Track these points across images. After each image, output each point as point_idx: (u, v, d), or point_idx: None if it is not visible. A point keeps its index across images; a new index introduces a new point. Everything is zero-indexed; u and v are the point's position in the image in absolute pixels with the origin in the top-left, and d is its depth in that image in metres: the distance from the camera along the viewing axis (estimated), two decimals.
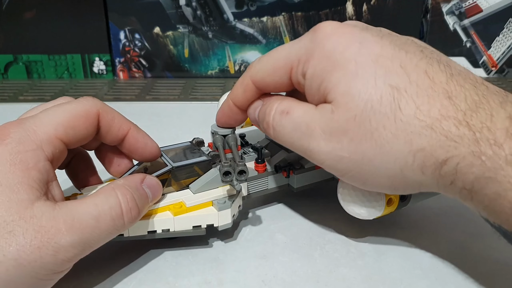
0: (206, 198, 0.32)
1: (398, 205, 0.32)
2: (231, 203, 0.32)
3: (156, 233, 0.31)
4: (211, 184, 0.33)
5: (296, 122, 0.28)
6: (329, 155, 0.27)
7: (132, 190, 0.29)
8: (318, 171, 0.37)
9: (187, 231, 0.32)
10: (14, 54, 0.71)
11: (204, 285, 0.30)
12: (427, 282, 0.30)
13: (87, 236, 0.26)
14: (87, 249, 0.27)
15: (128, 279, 0.30)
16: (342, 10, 0.68)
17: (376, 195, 0.30)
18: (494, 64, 0.71)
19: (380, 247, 0.33)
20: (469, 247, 0.33)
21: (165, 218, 0.31)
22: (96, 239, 0.27)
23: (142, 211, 0.30)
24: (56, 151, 0.28)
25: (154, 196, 0.31)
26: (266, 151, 0.37)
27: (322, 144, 0.27)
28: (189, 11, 0.69)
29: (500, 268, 0.31)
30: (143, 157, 0.33)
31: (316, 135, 0.27)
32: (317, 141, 0.27)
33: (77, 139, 0.29)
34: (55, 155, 0.28)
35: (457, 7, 0.68)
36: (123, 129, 0.32)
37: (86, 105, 0.30)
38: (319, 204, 0.38)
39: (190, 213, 0.32)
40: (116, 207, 0.28)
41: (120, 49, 0.71)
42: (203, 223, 0.32)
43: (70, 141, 0.29)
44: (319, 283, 0.30)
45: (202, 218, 0.32)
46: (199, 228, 0.32)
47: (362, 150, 0.26)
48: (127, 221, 0.28)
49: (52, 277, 0.26)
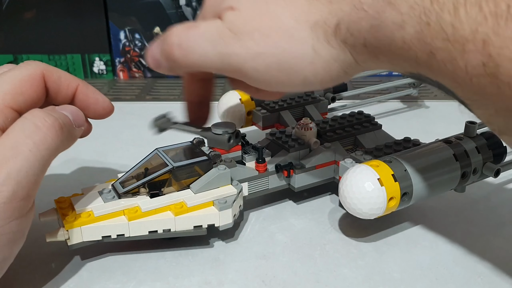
0: (207, 198, 0.32)
1: (399, 204, 0.32)
2: (232, 203, 0.32)
3: (157, 233, 0.31)
4: (212, 184, 0.33)
5: (207, 31, 0.26)
6: (248, 56, 0.26)
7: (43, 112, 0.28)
8: (319, 170, 0.37)
9: (188, 231, 0.32)
10: (14, 54, 0.71)
11: (204, 285, 0.30)
12: (427, 282, 0.30)
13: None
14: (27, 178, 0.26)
15: (128, 279, 0.30)
16: None
17: (377, 194, 0.31)
18: None
19: (380, 247, 0.33)
20: (469, 247, 0.33)
21: (166, 218, 0.31)
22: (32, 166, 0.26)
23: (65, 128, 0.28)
24: (8, 120, 0.27)
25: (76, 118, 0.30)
26: (266, 151, 0.37)
27: (237, 46, 0.26)
28: (189, 11, 0.69)
29: (500, 268, 0.31)
30: (97, 113, 0.32)
31: (229, 39, 0.26)
32: (231, 44, 0.26)
33: (27, 104, 0.29)
34: (6, 124, 0.27)
35: None
36: (72, 86, 0.31)
37: (29, 69, 0.29)
38: (319, 204, 0.38)
39: (191, 213, 0.32)
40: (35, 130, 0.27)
41: (120, 49, 0.71)
42: (204, 223, 0.32)
43: (21, 107, 0.28)
44: (319, 283, 0.30)
45: (203, 218, 0.32)
46: (200, 228, 0.32)
47: (274, 41, 0.25)
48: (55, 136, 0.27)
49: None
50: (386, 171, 0.31)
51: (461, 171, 0.34)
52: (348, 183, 0.31)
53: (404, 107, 0.59)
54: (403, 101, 0.60)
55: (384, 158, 0.33)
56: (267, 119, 0.44)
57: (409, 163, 0.32)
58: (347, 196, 0.31)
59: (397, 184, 0.31)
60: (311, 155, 0.37)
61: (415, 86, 0.56)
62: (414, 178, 0.32)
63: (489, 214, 0.37)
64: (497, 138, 0.36)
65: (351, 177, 0.31)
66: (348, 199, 0.31)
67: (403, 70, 0.24)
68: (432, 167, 0.33)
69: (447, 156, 0.34)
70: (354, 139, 0.40)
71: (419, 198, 0.33)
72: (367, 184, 0.31)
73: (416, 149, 0.35)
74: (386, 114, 0.58)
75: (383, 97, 0.57)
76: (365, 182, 0.31)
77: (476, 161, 0.35)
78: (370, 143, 0.39)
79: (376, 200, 0.31)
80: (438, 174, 0.33)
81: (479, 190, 0.40)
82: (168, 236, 0.32)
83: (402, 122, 0.55)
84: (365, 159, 0.35)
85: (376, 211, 0.31)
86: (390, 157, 0.33)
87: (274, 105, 0.44)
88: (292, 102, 0.45)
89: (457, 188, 0.35)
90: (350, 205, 0.32)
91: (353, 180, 0.31)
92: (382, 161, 0.32)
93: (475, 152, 0.35)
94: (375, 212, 0.31)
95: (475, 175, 0.35)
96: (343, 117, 0.41)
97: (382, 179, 0.31)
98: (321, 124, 0.39)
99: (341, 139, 0.39)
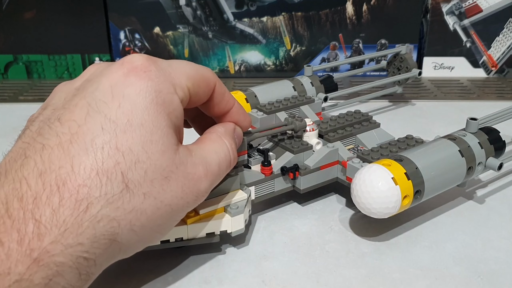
0: (219, 204, 0.32)
1: (412, 201, 0.32)
2: (243, 208, 0.32)
3: (169, 243, 0.30)
4: (222, 190, 0.32)
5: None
6: None
7: (232, 138, 0.30)
8: (323, 171, 0.37)
9: (201, 238, 0.31)
10: (14, 54, 0.71)
11: (204, 285, 0.30)
12: (427, 282, 0.30)
13: (215, 181, 0.28)
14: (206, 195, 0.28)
15: (128, 279, 0.30)
16: (342, 10, 0.68)
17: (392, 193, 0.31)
18: (494, 64, 0.71)
19: (380, 247, 0.33)
20: (469, 247, 0.33)
21: (178, 226, 0.30)
22: (214, 185, 0.28)
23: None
24: (184, 100, 0.27)
25: (238, 146, 0.32)
26: (271, 153, 0.37)
27: None
28: (189, 11, 0.69)
29: (500, 268, 0.31)
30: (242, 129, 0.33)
31: None
32: None
33: (197, 97, 0.29)
34: (183, 103, 0.27)
35: (457, 7, 0.68)
36: (229, 104, 0.31)
37: (208, 71, 0.29)
38: (319, 204, 0.38)
39: (204, 220, 0.31)
40: (228, 155, 0.29)
41: (120, 49, 0.71)
42: (217, 230, 0.31)
43: (192, 96, 0.28)
44: (319, 283, 0.30)
45: (216, 224, 0.31)
46: (212, 235, 0.31)
47: None
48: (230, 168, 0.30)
49: None
50: (398, 169, 0.31)
51: (467, 166, 0.35)
52: (362, 183, 0.31)
53: (390, 105, 0.60)
54: (391, 100, 0.61)
55: (394, 157, 0.33)
56: (264, 120, 0.44)
57: (419, 161, 0.32)
58: (361, 196, 0.31)
59: (410, 182, 0.31)
60: (314, 156, 0.37)
61: (400, 83, 0.58)
62: (425, 176, 0.32)
63: (489, 214, 0.37)
64: (496, 133, 0.37)
65: (364, 177, 0.31)
66: (363, 199, 0.31)
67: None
68: (441, 164, 0.34)
69: (453, 152, 0.34)
70: (354, 138, 0.40)
71: (430, 195, 0.33)
72: (381, 183, 0.31)
73: (423, 147, 0.35)
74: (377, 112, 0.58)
75: (371, 95, 0.58)
76: (379, 182, 0.31)
77: (480, 156, 0.35)
78: (371, 142, 0.39)
79: (391, 199, 0.31)
80: (446, 170, 0.34)
81: (479, 190, 0.40)
82: (180, 245, 0.31)
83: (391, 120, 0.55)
84: (373, 159, 0.35)
85: (391, 210, 0.31)
86: (400, 156, 0.33)
87: (270, 107, 0.44)
88: (287, 103, 0.45)
89: (460, 184, 0.36)
90: (365, 205, 0.32)
91: (367, 180, 0.31)
92: (393, 160, 0.32)
93: (479, 147, 0.36)
94: (390, 211, 0.31)
95: (479, 170, 0.36)
96: (341, 116, 0.41)
97: (396, 177, 0.31)
98: (322, 125, 0.39)
99: (342, 139, 0.39)
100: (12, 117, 0.58)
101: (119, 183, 0.23)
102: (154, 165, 0.24)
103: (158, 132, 0.24)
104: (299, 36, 0.70)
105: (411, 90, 0.65)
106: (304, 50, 0.70)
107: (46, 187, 0.21)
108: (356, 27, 0.69)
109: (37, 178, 0.22)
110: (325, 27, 0.69)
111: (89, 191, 0.22)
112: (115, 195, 0.22)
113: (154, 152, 0.24)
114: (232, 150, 0.29)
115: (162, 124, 0.24)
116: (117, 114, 0.23)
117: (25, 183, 0.21)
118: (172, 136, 0.25)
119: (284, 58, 0.71)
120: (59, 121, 0.23)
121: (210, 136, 0.29)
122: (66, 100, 0.25)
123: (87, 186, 0.22)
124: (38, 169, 0.22)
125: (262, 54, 0.71)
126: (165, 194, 0.24)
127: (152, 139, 0.24)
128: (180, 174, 0.25)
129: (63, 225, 0.21)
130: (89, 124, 0.23)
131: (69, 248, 0.21)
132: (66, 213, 0.21)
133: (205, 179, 0.26)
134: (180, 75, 0.27)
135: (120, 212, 0.23)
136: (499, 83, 0.69)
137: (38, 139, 0.23)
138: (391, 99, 0.62)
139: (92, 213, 0.22)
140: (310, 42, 0.70)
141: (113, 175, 0.22)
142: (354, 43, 0.70)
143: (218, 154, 0.28)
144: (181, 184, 0.25)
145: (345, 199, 0.39)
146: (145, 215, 0.24)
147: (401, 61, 0.57)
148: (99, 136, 0.23)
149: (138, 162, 0.23)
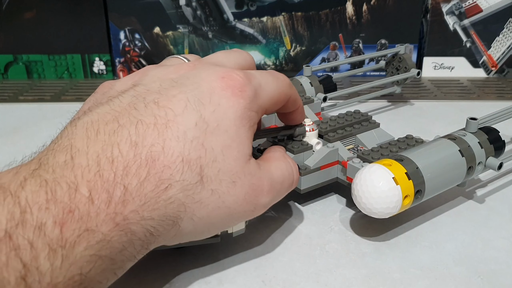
0: None
1: (413, 201, 0.32)
2: None
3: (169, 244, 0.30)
4: None
5: None
6: None
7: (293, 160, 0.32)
8: (323, 171, 0.37)
9: (201, 239, 0.30)
10: (14, 54, 0.71)
11: (204, 285, 0.30)
12: (427, 282, 0.30)
13: (275, 198, 0.29)
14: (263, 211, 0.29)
15: (128, 278, 0.30)
16: (342, 10, 0.68)
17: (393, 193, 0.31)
18: (494, 64, 0.71)
19: (380, 247, 0.33)
20: (469, 247, 0.33)
21: None
22: (274, 202, 0.29)
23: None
24: (260, 117, 0.30)
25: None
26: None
27: None
28: (189, 11, 0.69)
29: (500, 268, 0.31)
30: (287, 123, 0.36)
31: None
32: None
33: (270, 111, 0.31)
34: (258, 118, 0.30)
35: (457, 7, 0.68)
36: (295, 106, 0.33)
37: (287, 87, 0.31)
38: (319, 204, 0.38)
39: None
40: (292, 174, 0.31)
41: (120, 49, 0.71)
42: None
43: (267, 111, 0.31)
44: (319, 283, 0.30)
45: None
46: (213, 236, 0.31)
47: None
48: (291, 188, 0.31)
49: None
50: (399, 169, 0.31)
51: (467, 166, 0.35)
52: (362, 183, 0.31)
53: (390, 105, 0.60)
54: (390, 100, 0.61)
55: (394, 157, 0.33)
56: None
57: (420, 161, 0.32)
58: (362, 196, 0.31)
59: (410, 182, 0.31)
60: (314, 156, 0.37)
61: (399, 84, 0.58)
62: (426, 175, 0.32)
63: (489, 214, 0.37)
64: (496, 133, 0.37)
65: (365, 177, 0.31)
66: (364, 199, 0.31)
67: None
68: (441, 164, 0.34)
69: (453, 152, 0.34)
70: (354, 138, 0.40)
71: (430, 194, 0.33)
72: (382, 183, 0.31)
73: (423, 147, 0.35)
74: (376, 112, 0.58)
75: (371, 95, 0.58)
76: (380, 182, 0.31)
77: (480, 156, 0.35)
78: (371, 142, 0.39)
79: (392, 199, 0.31)
80: (447, 170, 0.34)
81: (479, 190, 0.40)
82: (180, 246, 0.31)
83: (391, 120, 0.55)
84: (373, 158, 0.35)
85: (392, 210, 0.31)
86: (400, 156, 0.33)
87: None
88: None
89: (460, 183, 0.36)
90: (366, 205, 0.32)
91: (368, 180, 0.31)
92: (393, 159, 0.32)
93: (478, 147, 0.36)
94: (391, 211, 0.31)
95: (479, 170, 0.36)
96: (341, 116, 0.41)
97: (397, 177, 0.31)
98: (321, 125, 0.39)
99: (342, 139, 0.39)
100: (12, 117, 0.58)
101: (196, 175, 0.25)
102: (226, 167, 0.26)
103: (237, 140, 0.27)
104: (299, 36, 0.70)
105: (411, 90, 0.65)
106: (304, 50, 0.70)
107: (137, 159, 0.23)
108: (356, 27, 0.69)
109: (129, 148, 0.23)
110: (325, 27, 0.69)
111: (172, 174, 0.24)
112: (191, 184, 0.25)
113: (229, 156, 0.26)
114: (296, 171, 0.31)
115: (242, 135, 0.27)
116: (210, 117, 0.26)
117: (117, 148, 0.23)
118: (247, 148, 0.27)
119: (284, 58, 0.71)
120: (156, 104, 0.25)
121: (275, 155, 0.31)
122: (162, 87, 0.27)
123: (171, 168, 0.24)
124: (131, 140, 0.24)
125: (262, 54, 0.71)
126: (228, 197, 0.26)
127: (231, 145, 0.26)
128: (246, 182, 0.27)
129: (144, 198, 0.23)
130: (185, 116, 0.25)
131: (143, 221, 0.23)
132: (149, 188, 0.23)
133: (267, 194, 0.28)
134: (266, 98, 0.29)
135: (189, 200, 0.25)
136: (499, 83, 0.69)
137: (132, 113, 0.25)
138: (391, 99, 0.62)
139: (169, 194, 0.24)
140: (310, 42, 0.70)
141: (194, 166, 0.25)
142: (354, 43, 0.70)
143: (282, 172, 0.30)
144: (244, 192, 0.27)
145: (345, 199, 0.39)
146: (206, 209, 0.26)
147: (399, 61, 0.57)
148: (192, 130, 0.25)
149: (215, 161, 0.26)
